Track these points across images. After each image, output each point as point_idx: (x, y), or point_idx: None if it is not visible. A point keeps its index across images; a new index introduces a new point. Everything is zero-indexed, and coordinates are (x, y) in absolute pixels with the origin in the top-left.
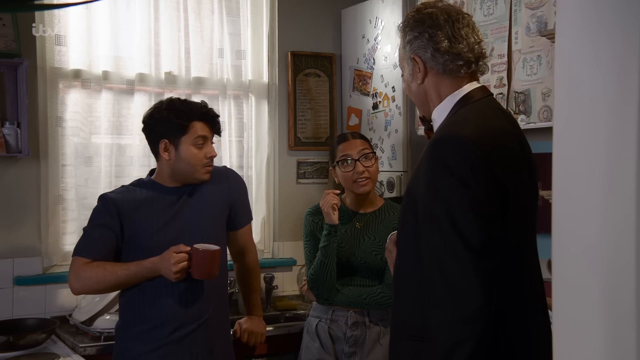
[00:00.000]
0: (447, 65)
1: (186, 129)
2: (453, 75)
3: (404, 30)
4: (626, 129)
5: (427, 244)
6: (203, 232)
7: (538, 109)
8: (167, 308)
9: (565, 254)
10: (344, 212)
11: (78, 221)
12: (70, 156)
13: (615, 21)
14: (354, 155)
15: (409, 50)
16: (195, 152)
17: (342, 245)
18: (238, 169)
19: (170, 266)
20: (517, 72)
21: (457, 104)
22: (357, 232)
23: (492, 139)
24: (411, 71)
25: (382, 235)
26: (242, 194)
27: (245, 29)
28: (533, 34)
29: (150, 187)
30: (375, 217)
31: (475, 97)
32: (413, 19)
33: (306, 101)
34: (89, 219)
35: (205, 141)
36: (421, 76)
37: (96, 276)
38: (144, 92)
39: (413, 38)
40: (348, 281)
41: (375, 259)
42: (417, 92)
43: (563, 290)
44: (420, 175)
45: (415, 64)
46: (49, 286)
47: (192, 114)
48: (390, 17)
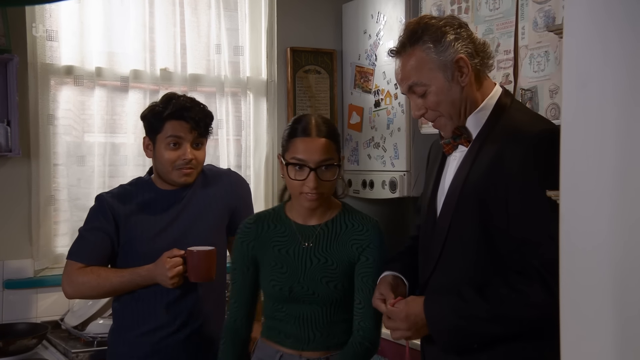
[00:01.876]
0: (484, 65)
1: (160, 128)
2: (485, 75)
3: (433, 37)
4: (635, 126)
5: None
6: (201, 238)
7: (545, 107)
8: (163, 312)
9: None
10: (285, 225)
11: (70, 222)
12: (62, 155)
13: (624, 16)
14: (309, 163)
15: (450, 53)
16: (166, 153)
17: (283, 270)
18: (236, 168)
19: (166, 272)
20: (524, 68)
21: (495, 109)
22: (303, 252)
23: None
24: (450, 77)
25: (337, 256)
26: (245, 199)
27: (243, 24)
28: (540, 29)
29: (147, 188)
30: (327, 232)
31: (508, 102)
32: (437, 25)
33: (306, 99)
34: (85, 220)
35: (179, 141)
36: (467, 77)
37: (89, 282)
38: (139, 89)
39: (454, 39)
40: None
41: (327, 287)
42: (459, 98)
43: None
44: (515, 175)
45: (457, 67)
46: (40, 290)
47: (167, 112)
48: (392, 12)
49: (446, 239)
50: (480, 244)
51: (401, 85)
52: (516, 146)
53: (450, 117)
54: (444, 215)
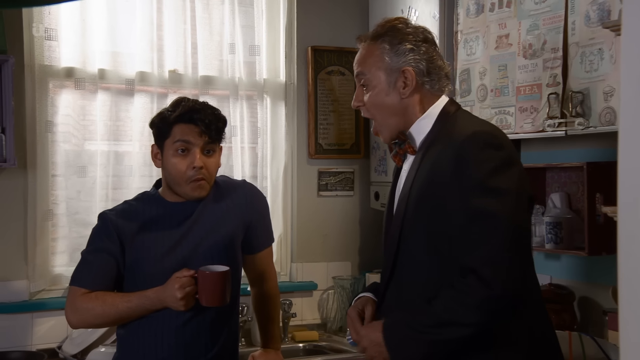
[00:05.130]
0: (438, 83)
1: (167, 133)
2: (439, 92)
3: (391, 40)
4: None
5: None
6: (214, 256)
7: (599, 111)
8: (171, 341)
9: (635, 280)
10: None
11: (69, 239)
12: (61, 165)
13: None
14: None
15: (399, 61)
16: (174, 160)
17: None
18: (251, 179)
19: (175, 292)
20: (574, 68)
21: (439, 117)
22: None
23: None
24: (392, 83)
25: None
26: (262, 213)
27: (260, 20)
28: (593, 24)
29: (155, 203)
30: None
31: (452, 110)
32: (403, 31)
33: (329, 103)
34: (88, 241)
35: (188, 147)
36: (409, 90)
37: (94, 309)
38: (145, 92)
39: (408, 50)
40: None
41: None
42: (394, 105)
43: (633, 322)
44: (450, 172)
45: (402, 77)
46: (35, 314)
47: (174, 115)
48: (425, 6)
49: (398, 248)
50: (429, 250)
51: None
52: (448, 149)
53: (382, 124)
54: (395, 225)
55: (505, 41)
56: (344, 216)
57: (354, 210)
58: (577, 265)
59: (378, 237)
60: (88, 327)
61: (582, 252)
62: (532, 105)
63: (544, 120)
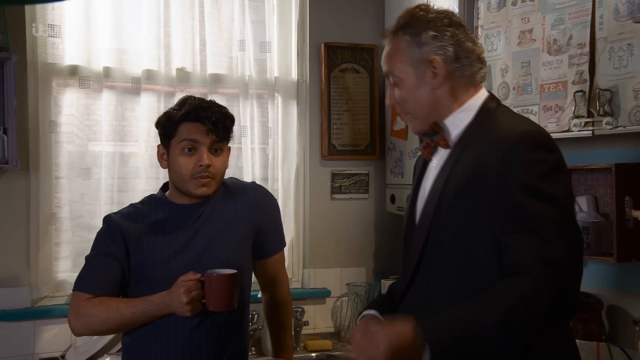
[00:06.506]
0: (469, 69)
1: (173, 132)
2: (472, 80)
3: (412, 31)
4: None
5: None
6: (222, 260)
7: (629, 110)
8: (178, 349)
9: None
10: None
11: (72, 244)
12: (65, 167)
13: None
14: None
15: (424, 51)
16: (181, 160)
17: None
18: (262, 181)
19: (181, 296)
20: (602, 64)
21: (479, 112)
22: None
23: None
24: (421, 75)
25: None
26: (273, 216)
27: (271, 16)
28: (623, 18)
29: (161, 206)
30: None
31: (494, 106)
32: (424, 19)
33: (342, 101)
34: (92, 245)
35: (195, 145)
36: (439, 80)
37: (98, 315)
38: (152, 91)
39: (431, 38)
40: None
41: None
42: (426, 99)
43: None
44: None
45: (430, 67)
46: (38, 321)
47: (180, 113)
48: (444, 0)
49: (424, 247)
50: (459, 252)
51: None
52: (496, 148)
53: (415, 117)
54: (423, 222)
55: (528, 36)
56: (358, 220)
57: (368, 213)
58: (606, 272)
59: (394, 242)
60: (91, 333)
61: (610, 259)
62: (557, 103)
63: (570, 120)
